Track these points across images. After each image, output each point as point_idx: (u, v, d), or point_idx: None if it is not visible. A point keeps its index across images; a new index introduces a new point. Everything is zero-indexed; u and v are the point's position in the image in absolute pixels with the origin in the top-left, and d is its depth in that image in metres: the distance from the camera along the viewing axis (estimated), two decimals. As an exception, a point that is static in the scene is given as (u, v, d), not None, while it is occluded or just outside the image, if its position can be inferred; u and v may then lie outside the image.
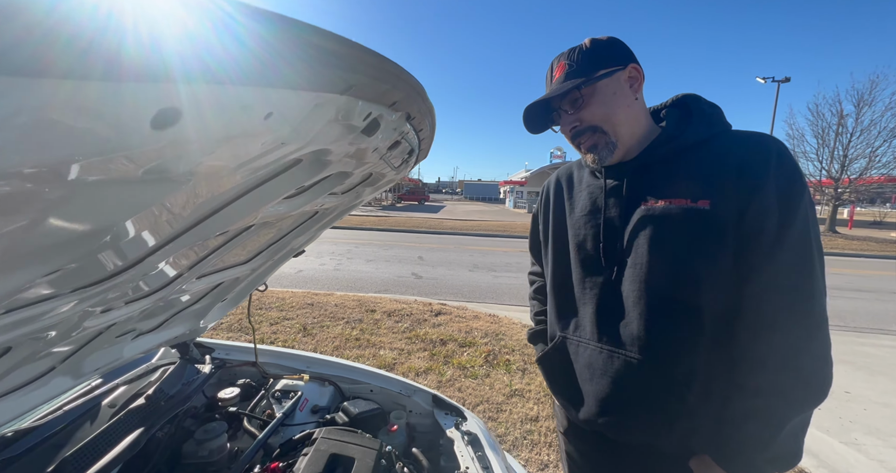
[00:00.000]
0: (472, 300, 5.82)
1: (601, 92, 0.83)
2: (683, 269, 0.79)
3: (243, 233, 0.79)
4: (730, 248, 0.76)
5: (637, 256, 0.84)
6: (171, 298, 0.86)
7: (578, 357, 0.94)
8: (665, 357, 0.81)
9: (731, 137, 0.82)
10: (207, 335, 3.53)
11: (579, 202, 0.98)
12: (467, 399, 2.81)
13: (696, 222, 0.77)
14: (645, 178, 0.87)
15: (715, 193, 0.77)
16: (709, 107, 0.88)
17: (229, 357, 1.53)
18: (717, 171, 0.79)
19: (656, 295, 0.82)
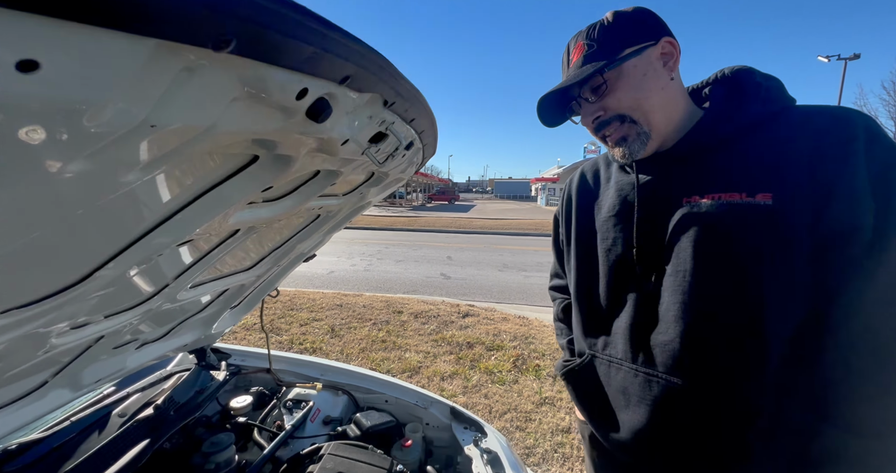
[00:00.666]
0: (501, 301, 5.67)
1: (628, 74, 0.70)
2: (739, 278, 0.64)
3: (229, 239, 0.74)
4: (803, 253, 0.60)
5: (679, 262, 0.70)
6: (165, 309, 0.83)
7: (610, 379, 0.81)
8: (716, 384, 0.67)
9: (798, 115, 0.66)
10: (233, 338, 3.66)
11: (607, 201, 0.85)
12: (494, 407, 2.70)
13: (755, 221, 0.63)
14: (686, 171, 0.72)
15: (779, 185, 0.62)
16: (764, 80, 0.71)
17: (245, 363, 1.52)
18: (781, 158, 0.63)
19: (704, 309, 0.67)
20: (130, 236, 0.44)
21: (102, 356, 0.81)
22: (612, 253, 0.81)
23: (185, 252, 0.67)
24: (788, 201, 0.61)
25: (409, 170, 1.12)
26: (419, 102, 0.57)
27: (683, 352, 0.68)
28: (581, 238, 0.90)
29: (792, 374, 0.63)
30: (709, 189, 0.68)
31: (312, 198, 0.80)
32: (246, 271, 1.09)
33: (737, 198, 0.65)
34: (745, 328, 0.64)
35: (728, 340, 0.65)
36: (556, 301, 1.10)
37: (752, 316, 0.63)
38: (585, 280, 0.88)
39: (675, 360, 0.69)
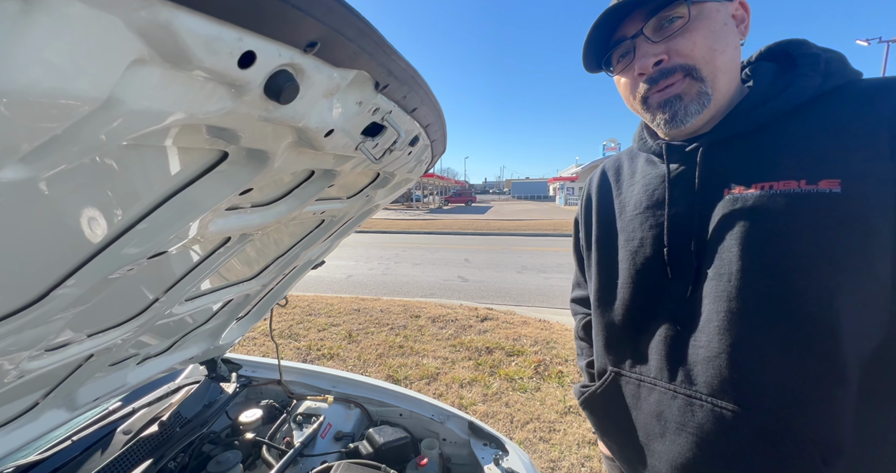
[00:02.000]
0: (520, 303, 5.52)
1: (711, 17, 0.58)
2: (801, 281, 0.53)
3: (221, 248, 0.68)
4: (885, 248, 0.50)
5: (722, 264, 0.59)
6: (161, 323, 0.79)
7: (641, 402, 0.70)
8: (779, 410, 0.54)
9: (868, 88, 0.56)
10: (251, 345, 3.68)
11: (631, 198, 0.75)
12: (515, 416, 2.58)
13: (819, 212, 0.52)
14: (728, 157, 0.62)
15: (848, 168, 0.52)
16: (823, 52, 0.61)
17: (256, 374, 1.47)
18: (848, 137, 0.53)
19: (757, 318, 0.56)
20: (86, 250, 0.38)
21: (98, 374, 0.77)
22: (640, 255, 0.71)
23: (172, 263, 0.62)
24: (862, 187, 0.51)
25: (418, 168, 1.05)
26: (419, 87, 0.49)
27: (733, 370, 0.57)
28: (602, 240, 0.80)
29: (874, 401, 0.52)
30: (757, 177, 0.58)
31: (311, 202, 0.74)
32: (249, 280, 1.04)
33: (794, 186, 0.55)
34: (812, 342, 0.53)
35: (791, 355, 0.54)
36: (578, 316, 0.99)
37: (822, 327, 0.52)
38: (608, 287, 0.77)
39: (723, 380, 0.58)
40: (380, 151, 0.56)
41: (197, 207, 0.41)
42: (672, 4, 0.57)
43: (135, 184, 0.35)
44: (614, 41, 0.64)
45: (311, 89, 0.31)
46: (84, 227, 0.34)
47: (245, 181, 0.41)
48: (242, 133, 0.33)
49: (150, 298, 0.65)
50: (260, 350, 3.66)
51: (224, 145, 0.35)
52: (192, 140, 0.32)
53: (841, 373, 0.52)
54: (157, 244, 0.42)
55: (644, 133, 0.77)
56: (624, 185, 0.79)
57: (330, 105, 0.37)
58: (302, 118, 0.33)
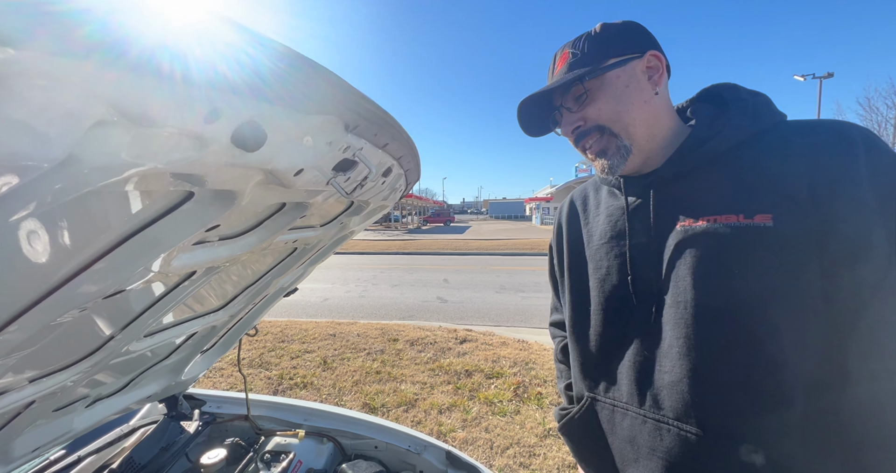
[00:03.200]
0: (499, 324, 5.52)
1: (610, 85, 0.67)
2: (744, 306, 0.58)
3: (185, 282, 0.65)
4: (813, 276, 0.55)
5: (678, 292, 0.63)
6: (115, 361, 0.74)
7: (615, 426, 0.72)
8: (735, 430, 0.58)
9: (791, 130, 0.63)
10: (219, 376, 3.47)
11: (598, 228, 0.80)
12: (495, 442, 2.53)
13: (755, 244, 0.58)
14: (678, 192, 0.68)
15: (779, 204, 0.58)
16: (751, 96, 0.69)
17: (221, 410, 1.39)
18: (778, 175, 0.59)
19: (710, 343, 0.60)
20: (35, 292, 0.36)
21: (39, 421, 0.71)
22: (607, 283, 0.75)
23: (131, 299, 0.59)
24: (790, 221, 0.56)
25: (393, 196, 1.06)
26: (389, 125, 0.51)
27: (694, 395, 0.60)
28: (574, 269, 0.84)
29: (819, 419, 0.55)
30: (704, 211, 0.63)
31: (282, 232, 0.73)
32: (216, 312, 1.00)
33: (734, 220, 0.60)
34: (758, 364, 0.57)
35: (741, 379, 0.58)
36: (556, 339, 1.01)
37: (766, 350, 0.56)
38: (581, 313, 0.80)
39: (686, 404, 0.61)
40: (351, 185, 0.57)
41: (159, 245, 0.40)
42: (573, 87, 0.69)
43: (92, 224, 0.34)
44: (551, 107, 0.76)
45: (280, 136, 0.32)
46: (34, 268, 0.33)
47: (211, 219, 0.41)
48: (208, 177, 0.33)
49: (104, 336, 0.61)
50: (228, 381, 3.46)
51: (189, 187, 0.35)
52: (156, 184, 0.32)
53: (787, 393, 0.56)
54: (115, 283, 0.41)
55: None
56: (591, 215, 0.84)
57: (299, 147, 0.38)
58: (270, 161, 0.34)
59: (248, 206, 0.51)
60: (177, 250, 0.45)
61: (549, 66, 0.75)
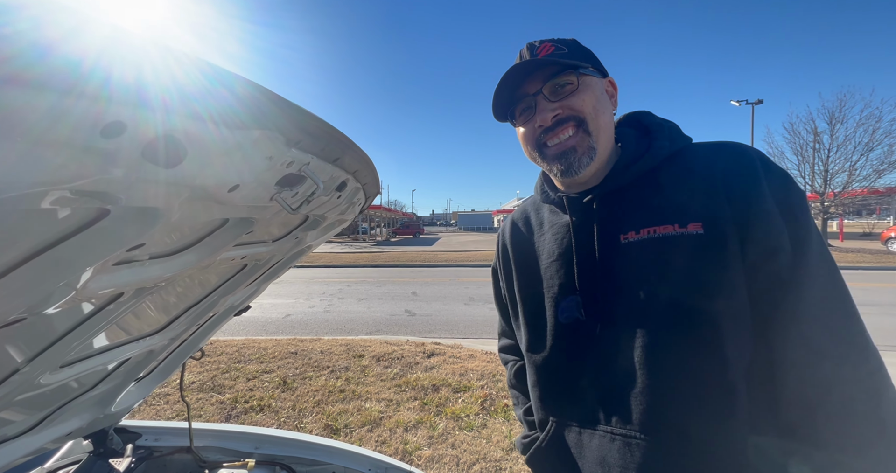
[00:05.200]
0: (468, 336, 5.50)
1: (594, 87, 0.71)
2: (689, 312, 0.62)
3: (110, 305, 0.59)
4: (740, 279, 0.61)
5: (630, 302, 0.66)
6: (24, 397, 0.65)
7: (584, 449, 0.71)
8: (696, 436, 0.60)
9: (700, 150, 0.71)
10: (163, 403, 3.19)
11: (545, 246, 0.80)
12: (462, 458, 2.48)
13: (692, 251, 0.63)
14: (616, 207, 0.71)
15: (705, 214, 0.63)
16: (665, 122, 0.77)
17: (160, 443, 1.26)
18: (700, 188, 0.65)
19: (665, 347, 0.62)
20: None
21: (-77, 470, 0.61)
22: (559, 301, 0.75)
23: (39, 326, 0.52)
24: (717, 227, 0.62)
25: (352, 209, 1.03)
26: (337, 140, 0.49)
27: (657, 403, 0.62)
28: (526, 289, 0.83)
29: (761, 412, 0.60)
30: (642, 223, 0.67)
31: (226, 249, 0.69)
32: (153, 335, 0.92)
33: (671, 230, 0.65)
34: (708, 359, 0.61)
35: (696, 383, 0.61)
36: (508, 364, 0.99)
37: (712, 345, 0.60)
38: (537, 334, 0.79)
39: (651, 415, 0.63)
40: (298, 201, 0.54)
41: (69, 267, 0.36)
42: (565, 72, 0.69)
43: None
44: (518, 95, 0.73)
45: (204, 150, 0.30)
46: None
47: (133, 238, 0.37)
48: (122, 194, 0.30)
49: (5, 370, 0.53)
50: (174, 408, 3.17)
51: (102, 204, 0.32)
52: (59, 202, 0.29)
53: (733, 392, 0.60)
54: (13, 309, 0.36)
55: (545, 186, 0.85)
56: (535, 235, 0.84)
57: (232, 161, 0.35)
58: (195, 177, 0.32)
59: (182, 223, 0.47)
60: (93, 271, 0.40)
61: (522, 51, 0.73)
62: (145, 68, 0.22)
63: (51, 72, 0.18)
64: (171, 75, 0.22)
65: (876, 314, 6.28)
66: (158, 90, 0.23)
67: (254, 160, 0.38)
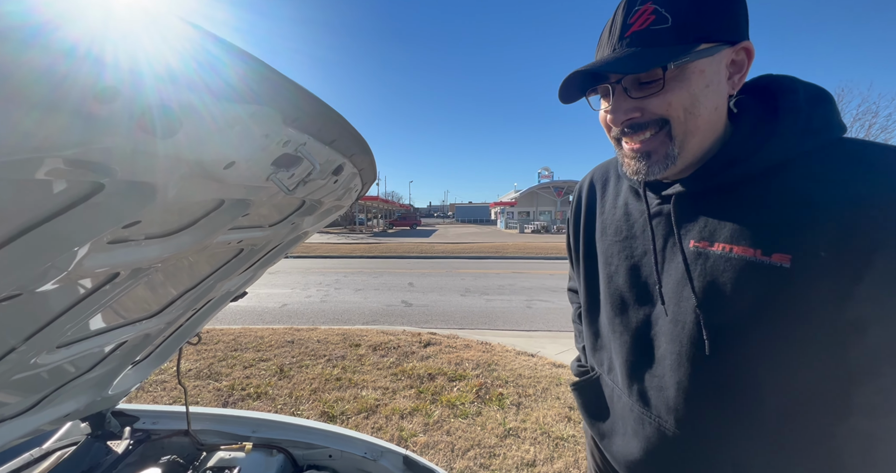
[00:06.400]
0: (463, 326, 5.55)
1: (690, 79, 0.54)
2: (740, 342, 0.58)
3: (105, 286, 0.59)
4: (821, 325, 0.52)
5: (680, 312, 0.63)
6: (19, 377, 0.65)
7: (613, 403, 0.81)
8: (708, 438, 0.64)
9: (843, 158, 0.53)
10: (160, 389, 3.21)
11: (613, 222, 0.78)
12: (456, 444, 2.52)
13: (766, 284, 0.53)
14: (699, 209, 0.62)
15: (799, 246, 0.52)
16: (808, 104, 0.57)
17: (157, 426, 1.27)
18: (808, 213, 0.52)
19: (702, 365, 0.62)
20: None
21: (-79, 447, 0.61)
22: (615, 280, 0.76)
23: (35, 304, 0.52)
24: (810, 267, 0.51)
25: (348, 196, 1.03)
26: (334, 121, 0.49)
27: (677, 402, 0.65)
28: (587, 257, 0.87)
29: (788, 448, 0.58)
30: (720, 237, 0.58)
31: (222, 232, 0.69)
32: (150, 318, 0.92)
33: (750, 254, 0.55)
34: (739, 392, 0.59)
35: (721, 399, 0.61)
36: (574, 305, 1.09)
37: (748, 381, 0.58)
38: (592, 299, 0.86)
39: (668, 408, 0.67)
40: (294, 182, 0.54)
41: (64, 243, 0.36)
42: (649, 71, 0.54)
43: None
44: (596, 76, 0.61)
45: (199, 123, 0.30)
46: None
47: (129, 214, 0.37)
48: (116, 165, 0.30)
49: (2, 348, 0.54)
50: (171, 395, 3.20)
51: (97, 177, 0.32)
52: (53, 173, 0.29)
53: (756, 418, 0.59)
54: (5, 285, 0.36)
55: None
56: (608, 205, 0.81)
57: (228, 137, 0.35)
58: (190, 151, 0.32)
59: (177, 202, 0.47)
60: (88, 248, 0.40)
61: (618, 9, 0.57)
62: (143, 34, 0.21)
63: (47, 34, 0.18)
64: (169, 41, 0.22)
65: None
66: (154, 56, 0.22)
67: (250, 136, 0.38)
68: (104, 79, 0.22)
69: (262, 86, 0.32)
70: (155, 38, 0.22)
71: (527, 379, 3.49)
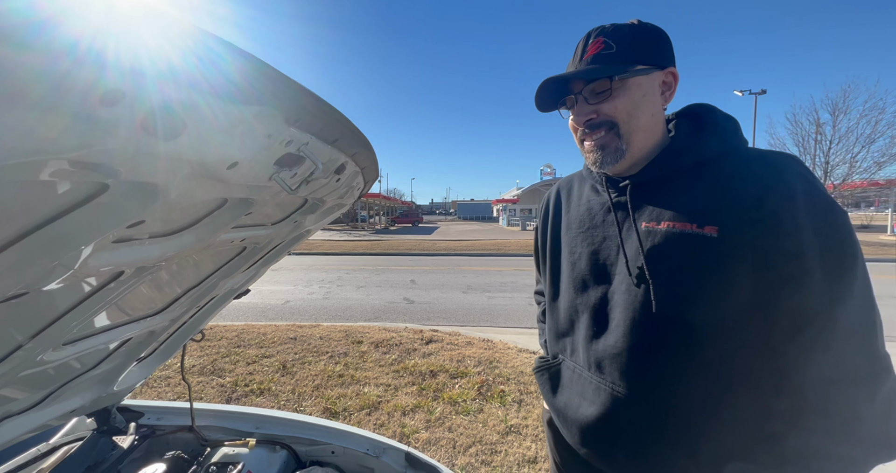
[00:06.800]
0: (465, 324, 5.56)
1: (631, 89, 0.73)
2: (684, 303, 0.69)
3: (110, 284, 0.60)
4: (745, 286, 0.64)
5: (631, 282, 0.75)
6: (27, 374, 0.66)
7: (573, 382, 0.88)
8: (658, 397, 0.72)
9: (747, 156, 0.71)
10: (164, 385, 3.24)
11: (576, 218, 0.91)
12: (458, 441, 2.54)
13: (701, 251, 0.67)
14: (647, 196, 0.77)
15: (726, 220, 0.66)
16: (723, 120, 0.77)
17: (161, 422, 1.29)
18: (729, 195, 0.67)
19: (651, 328, 0.72)
20: None
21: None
22: (577, 267, 0.87)
23: (41, 303, 0.53)
24: (732, 236, 0.65)
25: (350, 194, 1.03)
26: (336, 120, 0.49)
27: (630, 364, 0.74)
28: (553, 252, 0.97)
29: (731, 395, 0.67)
30: (665, 217, 0.73)
31: (225, 230, 0.69)
32: (154, 315, 0.93)
33: (688, 228, 0.69)
34: (687, 350, 0.69)
35: (671, 359, 0.70)
36: (539, 305, 1.20)
37: (694, 339, 0.68)
38: (555, 289, 0.95)
39: (622, 373, 0.75)
40: (297, 182, 0.54)
41: (69, 243, 0.36)
42: (599, 80, 0.73)
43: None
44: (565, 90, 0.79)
45: (203, 124, 0.30)
46: None
47: (133, 214, 0.38)
48: (121, 167, 0.30)
49: (8, 346, 0.54)
50: (175, 391, 3.23)
51: (101, 178, 0.32)
52: (57, 174, 0.29)
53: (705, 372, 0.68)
54: (11, 285, 0.36)
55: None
56: (573, 205, 0.95)
57: (231, 137, 0.35)
58: (194, 152, 0.32)
59: (180, 201, 0.47)
60: (93, 248, 0.40)
61: (579, 44, 0.77)
62: (144, 36, 0.21)
63: (49, 36, 0.18)
64: (172, 44, 0.22)
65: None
66: (157, 59, 0.23)
67: (252, 137, 0.38)
68: (107, 82, 0.22)
69: (264, 86, 0.32)
70: (157, 41, 0.22)
71: (528, 377, 3.50)
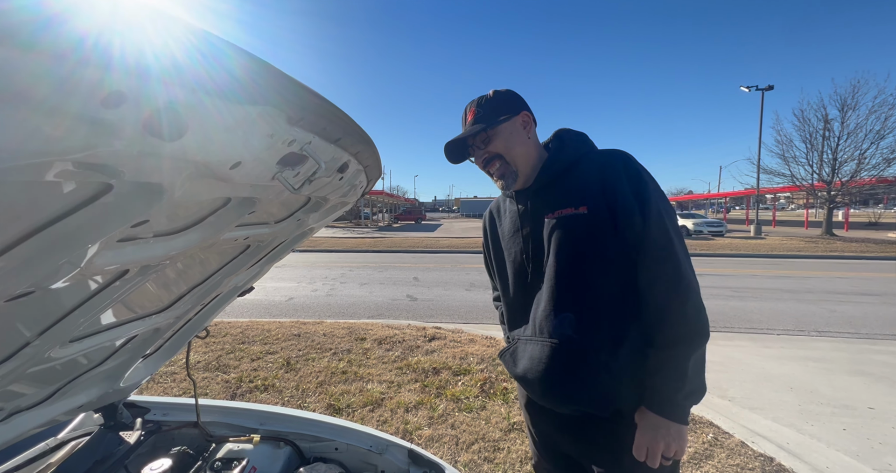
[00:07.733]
0: (468, 321, 5.57)
1: (503, 132, 1.06)
2: (577, 263, 0.99)
3: (115, 282, 0.60)
4: (610, 242, 0.96)
5: (546, 259, 1.04)
6: (34, 370, 0.67)
7: (526, 352, 1.09)
8: (574, 338, 0.98)
9: (594, 156, 1.05)
10: (170, 381, 3.27)
11: (506, 226, 1.20)
12: (461, 438, 2.55)
13: (580, 225, 0.98)
14: (543, 197, 1.07)
15: (589, 200, 0.98)
16: (576, 135, 1.12)
17: (167, 417, 1.30)
18: (588, 183, 1.00)
19: (562, 288, 1.00)
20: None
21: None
22: (515, 262, 1.14)
23: (48, 301, 0.53)
24: (596, 209, 0.97)
25: (353, 193, 1.03)
26: (339, 119, 0.49)
27: (555, 322, 1.00)
28: (497, 255, 1.23)
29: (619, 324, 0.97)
30: (556, 207, 1.03)
31: (229, 229, 0.69)
32: (159, 313, 0.93)
33: (570, 211, 1.00)
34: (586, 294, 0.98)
35: (578, 305, 0.99)
36: (498, 308, 1.41)
37: (589, 285, 0.98)
38: (504, 285, 1.21)
39: (551, 328, 1.01)
40: (300, 181, 0.54)
41: (74, 242, 0.36)
42: (479, 135, 1.06)
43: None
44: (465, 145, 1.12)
45: (205, 125, 0.30)
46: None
47: (137, 214, 0.38)
48: (124, 168, 0.30)
49: (16, 343, 0.55)
50: (180, 386, 3.26)
51: (105, 178, 0.32)
52: (62, 175, 0.29)
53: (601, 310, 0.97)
54: (19, 283, 0.36)
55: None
56: (503, 218, 1.23)
57: (234, 137, 0.35)
58: (197, 153, 0.32)
59: (184, 201, 0.48)
60: (98, 247, 0.41)
61: (463, 113, 1.11)
62: (148, 37, 0.21)
63: (52, 37, 0.18)
64: (174, 45, 0.22)
65: (875, 303, 6.30)
66: (160, 60, 0.22)
67: (255, 137, 0.38)
68: (111, 84, 0.22)
69: (266, 86, 0.32)
70: (160, 42, 0.22)
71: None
